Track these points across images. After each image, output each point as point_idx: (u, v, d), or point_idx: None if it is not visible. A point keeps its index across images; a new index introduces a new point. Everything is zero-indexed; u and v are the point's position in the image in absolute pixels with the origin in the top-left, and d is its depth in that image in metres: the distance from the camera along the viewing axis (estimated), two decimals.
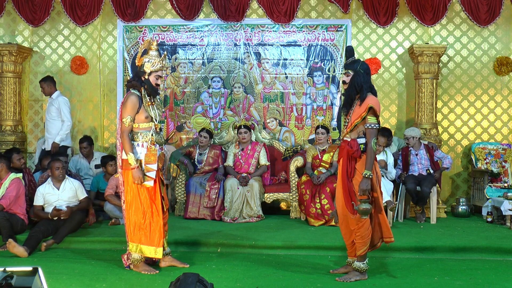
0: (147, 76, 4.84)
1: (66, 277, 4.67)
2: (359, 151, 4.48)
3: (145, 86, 4.83)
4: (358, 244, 4.60)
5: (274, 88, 8.25)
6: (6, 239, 5.81)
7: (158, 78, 4.87)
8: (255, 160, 7.43)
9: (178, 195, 7.36)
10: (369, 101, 4.46)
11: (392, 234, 4.70)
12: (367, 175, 4.41)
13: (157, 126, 4.91)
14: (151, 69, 4.83)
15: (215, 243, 5.76)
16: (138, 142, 4.81)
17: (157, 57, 4.87)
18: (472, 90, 8.24)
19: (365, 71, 4.56)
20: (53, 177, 6.05)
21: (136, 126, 4.82)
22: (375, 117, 4.45)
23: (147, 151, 4.81)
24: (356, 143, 4.49)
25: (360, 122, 4.49)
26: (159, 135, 4.97)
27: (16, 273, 2.32)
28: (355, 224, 4.57)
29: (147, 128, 4.83)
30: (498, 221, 6.92)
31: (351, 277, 4.61)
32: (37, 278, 2.33)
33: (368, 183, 4.41)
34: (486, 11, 7.95)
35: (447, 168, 7.27)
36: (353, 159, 4.53)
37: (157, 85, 4.88)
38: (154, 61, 4.84)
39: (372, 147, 4.42)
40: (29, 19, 8.15)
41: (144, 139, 4.82)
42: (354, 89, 4.54)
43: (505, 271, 5.00)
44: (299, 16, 8.16)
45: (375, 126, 4.45)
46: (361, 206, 4.41)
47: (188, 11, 8.11)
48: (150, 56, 4.86)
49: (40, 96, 8.42)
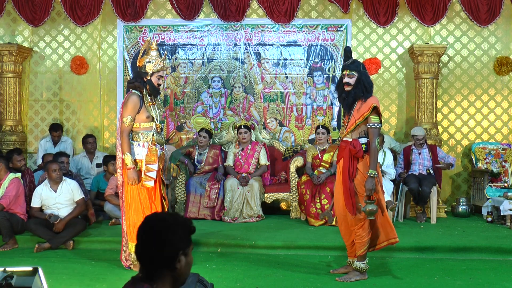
0: (149, 76, 4.86)
1: (66, 277, 4.67)
2: (361, 151, 4.48)
3: (147, 87, 4.85)
4: (357, 244, 4.60)
5: (274, 88, 8.25)
6: (6, 239, 5.82)
7: (160, 78, 4.90)
8: (255, 160, 7.43)
9: (178, 195, 7.35)
10: (372, 100, 4.48)
11: (396, 234, 4.71)
12: (372, 174, 4.41)
13: (158, 126, 4.92)
14: (153, 70, 4.85)
15: (215, 243, 5.77)
16: (139, 142, 4.82)
17: (158, 57, 4.89)
18: (472, 90, 8.23)
19: (366, 71, 4.63)
20: (50, 179, 5.97)
21: (137, 126, 4.83)
22: (378, 116, 4.46)
23: (148, 151, 4.82)
24: (358, 143, 4.49)
25: (362, 121, 4.50)
26: (160, 135, 4.98)
27: (16, 273, 2.32)
28: (354, 224, 4.57)
29: (148, 128, 4.85)
30: (498, 221, 6.92)
31: (351, 277, 4.61)
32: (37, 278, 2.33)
33: (373, 183, 4.41)
34: (486, 11, 7.94)
35: (453, 164, 7.22)
36: (355, 159, 4.53)
37: (158, 85, 4.91)
38: (156, 61, 4.86)
39: (376, 146, 4.42)
40: (29, 19, 8.15)
41: (145, 139, 4.83)
42: (361, 90, 4.53)
43: (505, 271, 5.01)
44: (299, 16, 8.16)
45: (378, 125, 4.46)
46: (368, 207, 4.41)
47: (188, 11, 8.11)
48: (151, 57, 4.88)
49: (40, 96, 8.42)
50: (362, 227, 4.55)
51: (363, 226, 4.55)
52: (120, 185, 4.92)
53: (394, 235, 4.69)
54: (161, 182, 4.98)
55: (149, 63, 4.85)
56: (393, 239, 4.71)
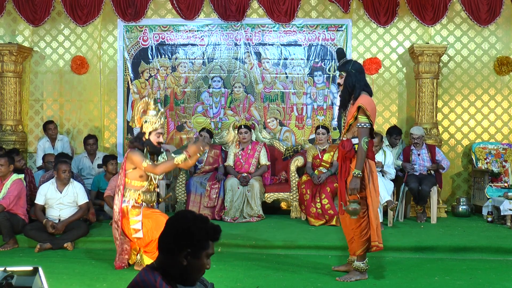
0: (147, 136, 4.90)
1: (66, 277, 4.67)
2: (352, 151, 4.49)
3: (147, 147, 4.90)
4: (356, 243, 4.61)
5: (275, 88, 8.24)
6: (7, 238, 5.83)
7: (159, 136, 4.93)
8: (256, 160, 7.42)
9: (179, 195, 7.35)
10: (360, 100, 4.47)
11: (381, 240, 4.62)
12: (356, 174, 4.41)
13: (154, 185, 4.98)
14: (150, 130, 4.89)
15: (215, 243, 5.74)
16: (125, 198, 4.85)
17: (155, 116, 4.92)
18: (473, 90, 8.23)
19: (357, 70, 4.57)
20: (58, 179, 5.94)
21: (128, 181, 4.88)
22: (365, 116, 4.43)
23: (131, 207, 4.84)
24: (349, 143, 4.51)
25: (353, 122, 4.51)
26: (152, 193, 4.98)
27: (16, 273, 2.32)
28: (353, 223, 4.57)
29: (138, 187, 4.89)
30: (498, 221, 6.92)
31: (351, 276, 4.61)
32: (38, 277, 2.34)
33: (357, 183, 4.41)
34: (487, 10, 7.94)
35: (444, 168, 7.25)
36: (347, 159, 4.54)
37: (158, 143, 4.93)
38: (153, 120, 4.89)
39: (363, 146, 4.41)
40: (30, 19, 8.15)
41: (132, 196, 4.86)
42: (346, 90, 4.56)
43: (505, 271, 5.01)
44: (299, 16, 8.16)
45: (365, 125, 4.44)
46: (350, 206, 4.43)
47: (188, 10, 8.11)
48: (148, 116, 4.91)
49: (41, 96, 8.42)
50: (360, 226, 4.55)
51: (361, 226, 4.55)
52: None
53: (378, 239, 4.63)
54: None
55: (146, 123, 4.90)
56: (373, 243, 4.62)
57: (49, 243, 5.71)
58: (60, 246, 5.72)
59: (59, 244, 5.72)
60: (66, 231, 5.82)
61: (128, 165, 4.87)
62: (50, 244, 5.70)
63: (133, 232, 4.79)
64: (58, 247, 5.71)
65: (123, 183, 4.88)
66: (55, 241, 5.72)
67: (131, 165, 4.85)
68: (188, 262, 2.21)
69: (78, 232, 5.84)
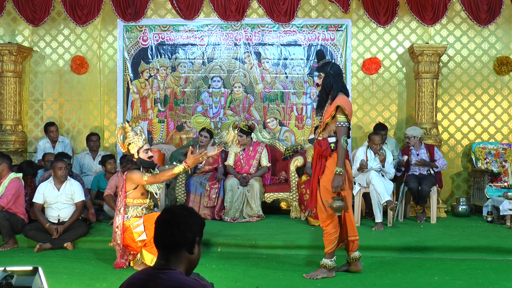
0: (136, 156, 5.06)
1: (66, 277, 4.67)
2: (328, 149, 4.61)
3: (140, 166, 5.06)
4: (325, 241, 4.69)
5: (274, 88, 8.24)
6: (6, 238, 5.83)
7: (147, 151, 5.08)
8: (256, 161, 7.41)
9: (178, 195, 7.35)
10: (338, 100, 4.58)
11: (357, 233, 4.74)
12: (338, 171, 4.51)
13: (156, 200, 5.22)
14: (136, 149, 5.05)
15: (215, 243, 5.76)
16: (127, 215, 4.97)
17: (136, 136, 5.07)
18: (472, 90, 8.23)
19: (336, 71, 4.71)
20: (55, 177, 5.97)
21: (130, 201, 5.01)
22: (344, 115, 4.55)
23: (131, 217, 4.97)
24: (325, 141, 4.62)
25: (330, 121, 4.62)
26: (151, 211, 5.13)
27: (16, 273, 2.32)
28: (323, 221, 4.64)
29: (139, 204, 5.04)
30: (498, 220, 6.91)
31: (318, 274, 4.67)
32: (37, 277, 2.34)
33: (340, 180, 4.52)
34: (486, 10, 7.94)
35: (437, 167, 7.22)
36: (323, 157, 4.65)
37: (149, 157, 5.09)
38: (135, 140, 5.06)
39: (343, 144, 4.51)
40: (29, 19, 8.14)
41: (133, 213, 5.00)
42: (324, 90, 4.69)
43: (505, 271, 5.00)
44: (299, 16, 8.16)
45: (344, 124, 4.56)
46: (334, 204, 4.53)
47: (188, 10, 8.11)
48: (130, 139, 5.07)
49: (40, 95, 8.42)
50: (330, 224, 4.61)
51: (331, 224, 4.61)
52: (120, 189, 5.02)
53: (354, 233, 4.70)
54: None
55: (131, 145, 5.06)
56: (353, 237, 4.71)
57: (49, 243, 5.71)
58: (60, 246, 5.73)
59: (59, 244, 5.72)
60: (66, 231, 5.82)
61: (129, 186, 5.00)
62: (50, 244, 5.71)
63: (136, 236, 4.84)
64: (58, 247, 5.72)
65: (124, 204, 4.99)
66: (55, 241, 5.72)
67: (131, 186, 4.99)
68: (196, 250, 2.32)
69: (78, 232, 5.85)
